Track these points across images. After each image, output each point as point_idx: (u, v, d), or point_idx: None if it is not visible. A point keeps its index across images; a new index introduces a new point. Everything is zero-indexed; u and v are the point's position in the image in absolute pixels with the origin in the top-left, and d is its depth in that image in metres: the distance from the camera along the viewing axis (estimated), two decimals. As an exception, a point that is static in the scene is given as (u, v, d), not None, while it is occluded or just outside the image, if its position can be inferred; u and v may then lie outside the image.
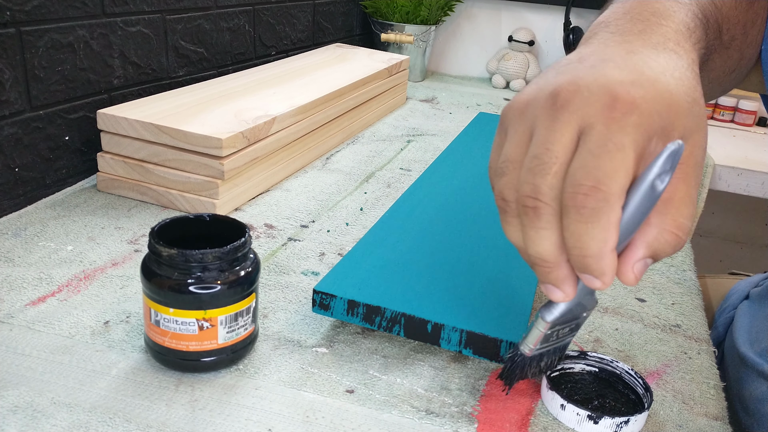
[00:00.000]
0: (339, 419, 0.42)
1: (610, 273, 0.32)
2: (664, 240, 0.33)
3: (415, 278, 0.51)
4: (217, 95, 0.80)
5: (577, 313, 0.40)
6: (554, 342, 0.42)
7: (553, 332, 0.41)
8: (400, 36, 1.34)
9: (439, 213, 0.64)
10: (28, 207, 0.68)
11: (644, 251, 0.33)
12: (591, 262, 0.32)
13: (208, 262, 0.42)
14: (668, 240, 0.33)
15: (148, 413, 0.41)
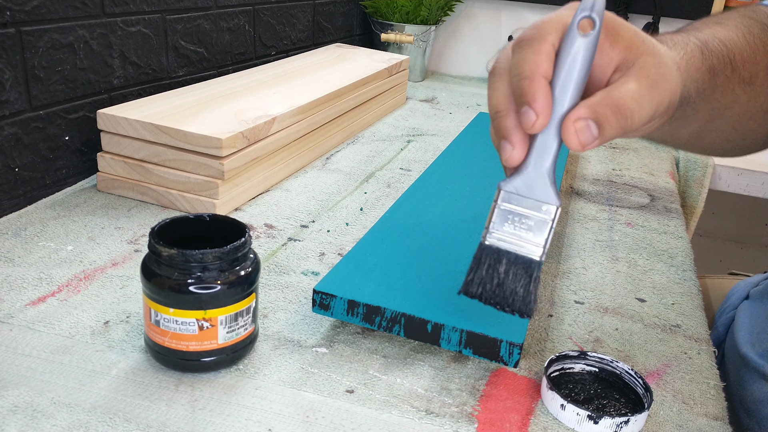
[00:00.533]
0: (339, 419, 0.42)
1: (540, 99, 0.36)
2: (603, 109, 0.36)
3: (415, 278, 0.51)
4: (217, 95, 0.80)
5: (532, 204, 0.39)
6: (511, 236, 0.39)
7: (511, 216, 0.39)
8: (400, 36, 1.34)
9: (439, 213, 0.64)
10: (28, 207, 0.68)
11: (585, 111, 0.36)
12: (525, 84, 0.36)
13: (208, 262, 0.42)
14: (608, 113, 0.36)
15: (148, 413, 0.41)
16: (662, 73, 0.38)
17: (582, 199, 0.83)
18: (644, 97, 0.37)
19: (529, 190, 0.39)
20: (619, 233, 0.74)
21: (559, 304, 0.58)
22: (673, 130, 0.49)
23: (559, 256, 0.67)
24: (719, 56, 0.48)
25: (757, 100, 0.52)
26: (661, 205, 0.83)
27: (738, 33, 0.51)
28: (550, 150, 0.38)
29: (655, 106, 0.38)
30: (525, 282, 0.40)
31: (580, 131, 0.36)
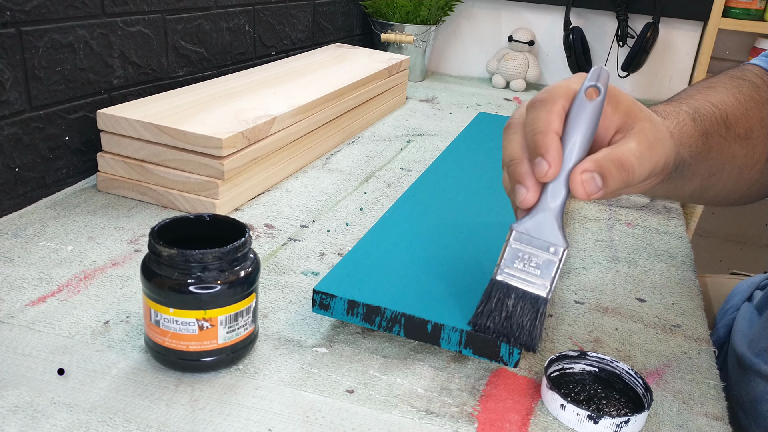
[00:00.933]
0: (339, 419, 0.42)
1: (552, 151, 0.40)
2: (608, 163, 0.40)
3: (415, 278, 0.51)
4: (217, 95, 0.80)
5: (543, 245, 0.42)
6: (523, 277, 0.42)
7: (522, 255, 0.42)
8: (400, 36, 1.34)
9: (439, 213, 0.64)
10: (28, 207, 0.68)
11: (591, 164, 0.40)
12: (539, 138, 0.40)
13: (208, 262, 0.42)
14: (612, 167, 0.40)
15: (148, 413, 0.41)
16: (658, 137, 0.43)
17: (582, 199, 0.83)
18: (643, 155, 0.41)
19: (538, 232, 0.42)
20: (619, 233, 0.74)
21: (559, 304, 0.58)
22: (674, 188, 0.53)
23: (559, 256, 0.67)
24: (711, 119, 0.52)
25: (755, 153, 0.55)
26: (661, 205, 0.83)
27: (728, 93, 0.55)
28: (559, 197, 0.42)
29: (653, 164, 0.42)
30: (531, 317, 0.43)
31: (586, 182, 0.40)
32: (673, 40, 1.47)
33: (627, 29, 1.43)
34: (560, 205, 0.42)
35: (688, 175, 0.51)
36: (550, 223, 0.42)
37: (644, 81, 1.51)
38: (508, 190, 0.44)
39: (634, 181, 0.41)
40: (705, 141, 0.51)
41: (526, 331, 0.43)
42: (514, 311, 0.43)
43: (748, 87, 0.57)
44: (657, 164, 0.43)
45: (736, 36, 1.47)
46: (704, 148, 0.51)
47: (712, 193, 0.57)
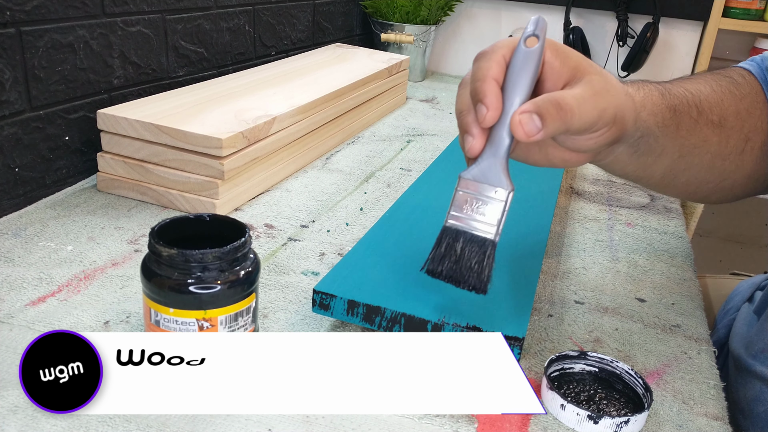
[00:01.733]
0: (339, 419, 0.42)
1: (490, 95, 0.42)
2: (546, 107, 0.41)
3: (415, 278, 0.51)
4: (217, 95, 0.80)
5: (487, 188, 0.44)
6: (468, 218, 0.44)
7: (470, 200, 0.44)
8: (400, 36, 1.34)
9: (439, 213, 0.64)
10: (28, 207, 0.68)
11: (529, 106, 0.42)
12: (478, 85, 0.43)
13: (208, 262, 0.42)
14: (549, 107, 0.41)
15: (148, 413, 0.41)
16: (606, 87, 0.44)
17: (582, 199, 0.83)
18: (586, 100, 0.43)
19: (484, 177, 0.44)
20: (619, 233, 0.74)
21: (559, 304, 0.58)
22: (644, 164, 0.53)
23: (559, 256, 0.67)
24: (682, 100, 0.53)
25: (728, 142, 0.56)
26: (661, 205, 0.83)
27: (705, 84, 0.57)
28: (503, 143, 0.44)
29: (599, 111, 0.43)
30: (479, 259, 0.44)
31: (524, 122, 0.41)
32: (673, 40, 1.47)
33: (627, 29, 1.43)
34: (505, 151, 0.44)
35: (657, 149, 0.52)
36: (495, 168, 0.44)
37: (644, 81, 1.50)
38: (461, 143, 0.46)
39: (574, 123, 0.42)
40: (673, 116, 0.52)
41: (475, 273, 0.44)
42: (463, 254, 0.44)
43: (727, 82, 0.58)
44: (604, 112, 0.43)
45: (736, 36, 1.47)
46: (673, 122, 0.52)
47: (683, 179, 0.57)
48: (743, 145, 0.57)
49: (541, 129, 0.41)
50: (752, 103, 0.58)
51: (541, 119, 0.41)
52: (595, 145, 0.46)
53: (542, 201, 0.70)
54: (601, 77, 0.45)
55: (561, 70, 0.44)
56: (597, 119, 0.43)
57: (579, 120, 0.42)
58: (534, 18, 0.45)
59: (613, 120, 0.45)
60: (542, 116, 0.41)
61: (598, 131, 0.45)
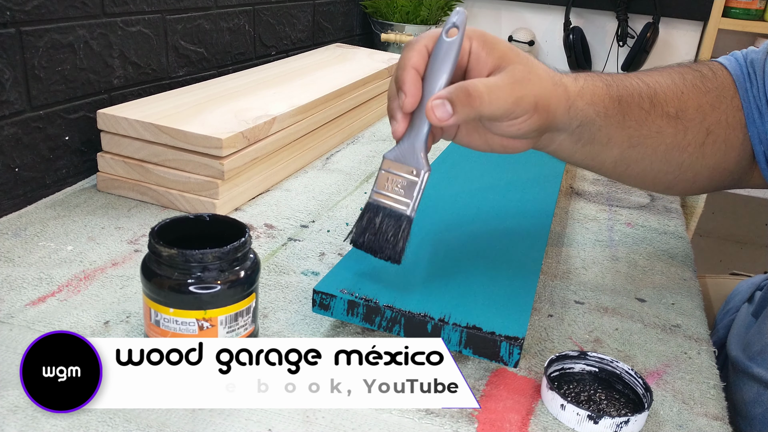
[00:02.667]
0: (339, 419, 0.42)
1: (407, 83, 0.46)
2: (457, 94, 0.44)
3: (415, 278, 0.51)
4: (217, 95, 0.80)
5: (407, 169, 0.47)
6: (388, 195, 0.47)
7: (390, 178, 0.47)
8: (400, 36, 1.34)
9: (438, 213, 0.64)
10: (28, 207, 0.68)
11: (442, 92, 0.45)
12: (399, 74, 0.46)
13: (208, 262, 0.42)
14: (460, 94, 0.44)
15: (148, 413, 0.41)
16: (527, 76, 0.46)
17: (582, 199, 0.83)
18: (500, 88, 0.45)
19: (404, 158, 0.47)
20: (619, 233, 0.74)
21: (559, 304, 0.58)
22: (591, 152, 0.54)
23: (559, 256, 0.67)
24: (633, 91, 0.54)
25: (686, 135, 0.56)
26: (661, 205, 0.83)
27: (666, 77, 0.57)
28: (422, 127, 0.47)
29: (515, 98, 0.45)
30: (395, 232, 0.48)
31: (436, 107, 0.44)
32: (673, 40, 1.47)
33: (627, 29, 1.43)
34: (424, 135, 0.47)
35: (603, 139, 0.53)
36: (414, 150, 0.47)
37: (644, 81, 1.50)
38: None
39: (484, 110, 0.44)
40: (618, 106, 0.53)
41: (391, 244, 0.47)
42: (381, 227, 0.48)
43: (693, 76, 0.58)
44: (521, 100, 0.45)
45: (736, 36, 1.47)
46: (617, 113, 0.53)
47: (638, 168, 0.58)
48: (703, 137, 0.57)
49: (452, 114, 0.44)
50: (718, 98, 0.58)
51: (452, 105, 0.44)
52: (519, 132, 0.48)
53: (542, 201, 0.70)
54: (525, 66, 0.47)
55: (486, 60, 0.47)
56: (512, 106, 0.45)
57: (489, 107, 0.44)
58: (456, 10, 0.47)
59: (533, 108, 0.46)
60: (453, 102, 0.44)
61: (518, 118, 0.46)
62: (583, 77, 0.52)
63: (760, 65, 0.58)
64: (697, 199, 1.08)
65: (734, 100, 0.58)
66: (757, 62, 0.59)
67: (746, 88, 0.58)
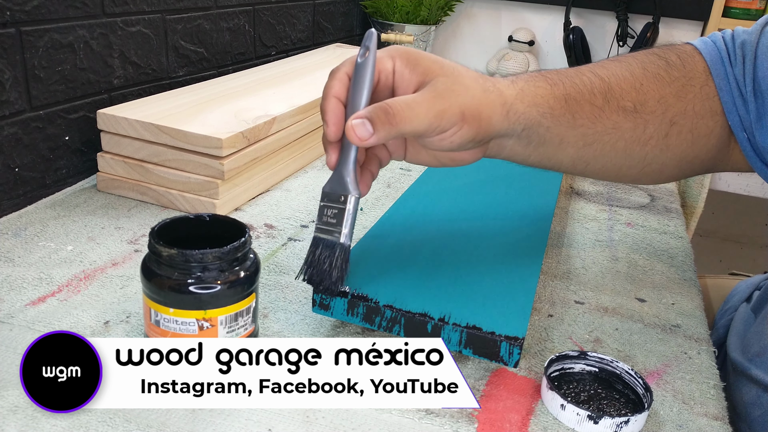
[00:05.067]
0: (339, 419, 0.42)
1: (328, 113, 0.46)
2: (376, 112, 0.44)
3: (415, 278, 0.51)
4: (217, 95, 0.80)
5: (337, 197, 0.47)
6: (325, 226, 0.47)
7: (325, 209, 0.47)
8: (400, 36, 1.34)
9: (439, 213, 0.64)
10: (28, 207, 0.68)
11: (362, 113, 0.44)
12: (322, 104, 0.47)
13: (208, 262, 0.42)
14: (379, 113, 0.44)
15: (148, 413, 0.41)
16: (451, 88, 0.46)
17: (582, 199, 0.83)
18: (419, 104, 0.45)
19: (336, 187, 0.47)
20: (619, 233, 0.74)
21: (559, 304, 0.58)
22: (545, 154, 0.54)
23: (559, 256, 0.67)
24: (583, 88, 0.52)
25: (647, 128, 0.54)
26: (661, 205, 0.83)
27: (624, 68, 0.55)
28: (349, 152, 0.47)
29: (437, 112, 0.45)
30: (330, 261, 0.47)
31: (356, 127, 0.44)
32: (673, 40, 1.47)
33: (627, 29, 1.43)
34: (352, 159, 0.47)
35: (554, 139, 0.52)
36: (343, 177, 0.47)
37: (644, 81, 1.50)
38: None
39: (405, 127, 0.44)
40: (565, 105, 0.51)
41: (328, 275, 0.47)
42: (320, 259, 0.47)
43: (656, 66, 0.56)
44: (444, 113, 0.45)
45: (736, 36, 1.47)
46: (565, 111, 0.51)
47: (599, 165, 0.56)
48: (667, 129, 0.55)
49: (373, 134, 0.44)
50: (683, 87, 0.55)
51: (372, 124, 0.44)
52: (453, 145, 0.47)
53: (542, 201, 0.70)
54: (448, 78, 0.46)
55: (411, 77, 0.47)
56: (435, 120, 0.45)
57: (410, 123, 0.44)
58: (368, 32, 0.47)
59: (460, 118, 0.46)
60: (372, 122, 0.44)
61: (447, 131, 0.46)
62: (523, 79, 0.51)
63: (751, 47, 0.55)
64: (697, 199, 1.08)
65: (704, 89, 0.56)
66: (748, 44, 0.56)
67: (725, 73, 0.56)
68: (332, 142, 0.47)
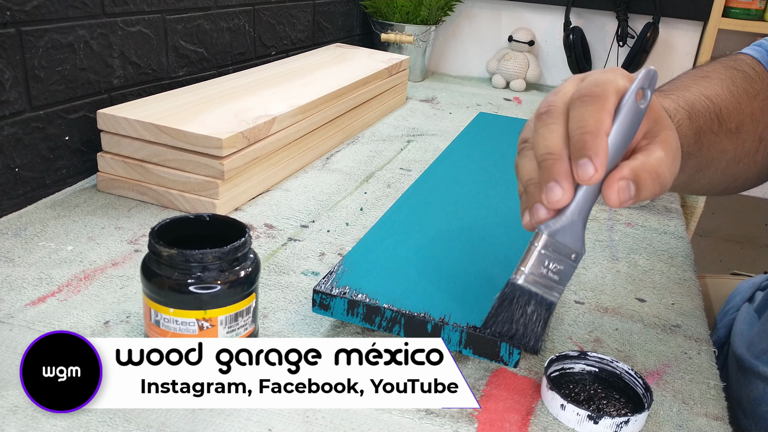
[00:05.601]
0: (339, 419, 0.42)
1: (602, 155, 0.37)
2: (644, 173, 0.39)
3: (415, 278, 0.51)
4: (217, 95, 0.80)
5: (569, 252, 0.40)
6: (544, 283, 0.41)
7: (548, 261, 0.40)
8: (400, 36, 1.34)
9: (439, 213, 0.64)
10: (28, 207, 0.68)
11: (628, 172, 0.38)
12: (588, 139, 0.37)
13: (208, 262, 0.42)
14: (647, 176, 0.39)
15: (148, 413, 0.41)
16: (678, 147, 0.42)
17: (582, 199, 0.83)
18: (669, 166, 0.40)
19: (564, 237, 0.40)
20: (619, 233, 0.74)
21: (560, 304, 0.58)
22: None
23: (559, 256, 0.67)
24: (705, 115, 0.51)
25: (743, 146, 0.55)
26: (661, 205, 0.83)
27: (722, 86, 0.54)
28: (590, 201, 0.40)
29: (673, 173, 0.40)
30: (543, 322, 0.42)
31: (622, 190, 0.38)
32: (673, 40, 1.47)
33: (627, 29, 1.43)
34: (589, 210, 0.40)
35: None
36: (577, 228, 0.40)
37: (644, 81, 1.50)
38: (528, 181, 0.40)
39: (663, 191, 0.40)
40: (697, 140, 0.51)
41: (535, 334, 0.42)
42: (531, 316, 0.41)
43: (741, 79, 0.56)
44: (676, 173, 0.41)
45: (736, 36, 1.47)
46: (696, 146, 0.51)
47: (697, 186, 0.57)
48: (757, 145, 0.56)
49: (634, 197, 0.39)
50: (764, 100, 0.56)
51: (636, 188, 0.39)
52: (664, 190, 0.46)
53: (542, 201, 0.70)
54: (674, 133, 0.42)
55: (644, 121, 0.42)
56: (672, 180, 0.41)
57: (665, 187, 0.40)
58: (649, 70, 0.40)
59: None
60: (638, 185, 0.39)
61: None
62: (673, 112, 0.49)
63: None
64: (697, 199, 1.08)
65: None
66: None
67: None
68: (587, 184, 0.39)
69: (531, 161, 0.40)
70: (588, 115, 0.38)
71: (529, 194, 0.40)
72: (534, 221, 0.40)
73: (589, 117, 0.38)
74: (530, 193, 0.40)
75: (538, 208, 0.40)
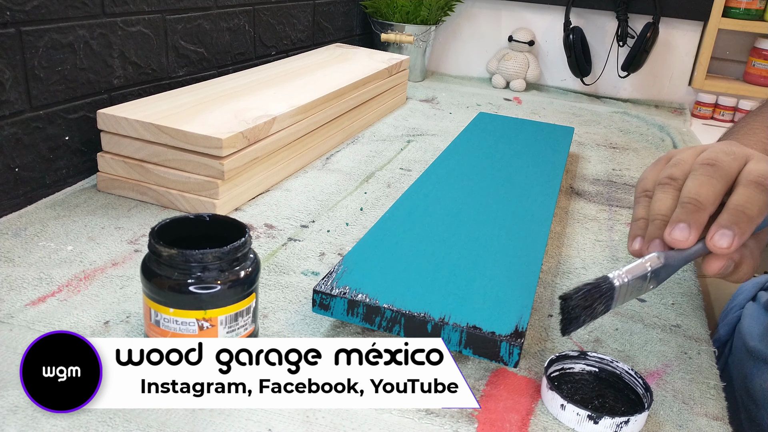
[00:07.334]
0: (339, 419, 0.42)
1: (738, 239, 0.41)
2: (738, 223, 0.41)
3: (415, 278, 0.51)
4: (217, 95, 0.80)
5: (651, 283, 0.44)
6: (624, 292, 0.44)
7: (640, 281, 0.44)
8: (400, 36, 1.34)
9: (439, 213, 0.64)
10: (28, 207, 0.68)
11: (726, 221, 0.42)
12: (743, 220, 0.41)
13: (208, 262, 0.42)
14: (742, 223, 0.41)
15: (148, 413, 0.41)
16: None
17: (582, 199, 0.83)
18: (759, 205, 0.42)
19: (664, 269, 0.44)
20: (619, 233, 0.74)
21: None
22: None
23: (559, 256, 0.67)
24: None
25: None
26: (661, 205, 0.83)
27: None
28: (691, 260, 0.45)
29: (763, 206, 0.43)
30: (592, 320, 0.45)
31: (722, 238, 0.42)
32: (673, 40, 1.47)
33: (627, 29, 1.43)
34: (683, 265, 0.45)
35: None
36: (670, 272, 0.45)
37: (644, 81, 1.51)
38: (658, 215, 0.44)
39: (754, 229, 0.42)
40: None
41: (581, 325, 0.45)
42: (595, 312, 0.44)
43: None
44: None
45: (736, 36, 1.47)
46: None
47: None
48: None
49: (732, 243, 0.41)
50: None
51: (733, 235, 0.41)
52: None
53: (542, 201, 0.70)
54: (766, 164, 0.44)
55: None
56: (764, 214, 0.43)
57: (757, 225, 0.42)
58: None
59: None
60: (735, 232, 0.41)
61: None
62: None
63: None
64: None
65: None
66: None
67: None
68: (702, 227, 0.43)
69: (671, 199, 0.44)
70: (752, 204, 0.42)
71: (655, 227, 0.44)
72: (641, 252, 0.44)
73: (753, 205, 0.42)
74: (656, 227, 0.44)
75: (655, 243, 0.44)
